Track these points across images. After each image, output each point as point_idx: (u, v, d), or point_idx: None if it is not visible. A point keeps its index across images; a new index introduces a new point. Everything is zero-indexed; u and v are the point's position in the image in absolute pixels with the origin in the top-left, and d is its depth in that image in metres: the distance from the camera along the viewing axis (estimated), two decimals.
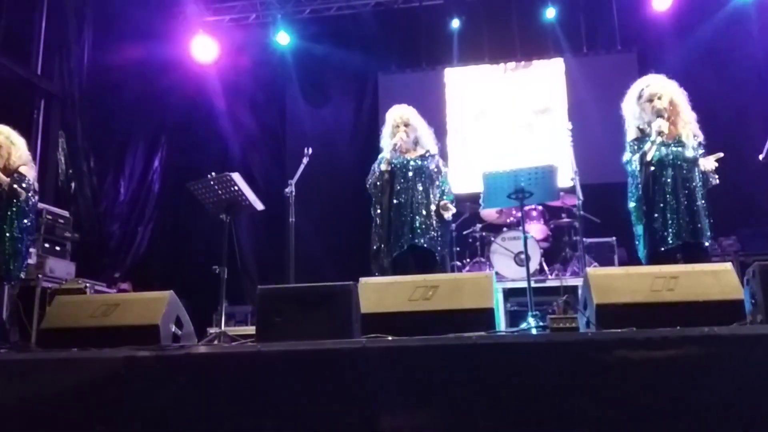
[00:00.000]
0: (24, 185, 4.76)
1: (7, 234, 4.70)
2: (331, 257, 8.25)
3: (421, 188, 4.83)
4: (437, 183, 4.92)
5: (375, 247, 4.80)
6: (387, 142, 4.99)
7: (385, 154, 4.91)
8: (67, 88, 8.08)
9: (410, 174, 4.85)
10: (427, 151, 4.98)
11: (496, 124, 9.03)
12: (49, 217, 6.65)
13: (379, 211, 4.86)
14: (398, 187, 4.83)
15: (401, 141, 4.85)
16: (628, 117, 4.51)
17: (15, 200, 4.72)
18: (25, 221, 4.79)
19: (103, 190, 8.40)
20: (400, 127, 4.92)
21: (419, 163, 4.88)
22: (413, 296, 3.49)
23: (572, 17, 8.87)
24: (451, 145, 8.93)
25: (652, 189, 4.30)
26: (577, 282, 6.41)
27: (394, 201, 4.80)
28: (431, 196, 4.85)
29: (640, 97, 4.43)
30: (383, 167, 4.83)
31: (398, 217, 4.76)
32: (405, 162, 4.87)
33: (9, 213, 4.73)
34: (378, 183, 4.88)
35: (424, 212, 4.76)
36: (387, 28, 9.27)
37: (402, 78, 9.35)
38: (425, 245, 4.71)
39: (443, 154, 6.72)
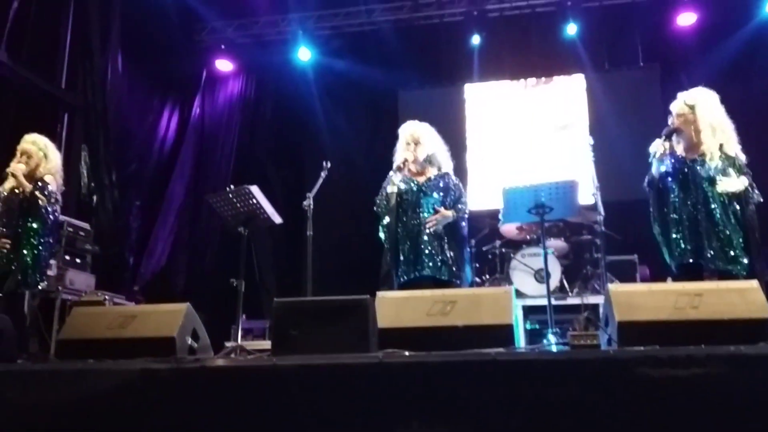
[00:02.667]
0: (45, 193, 4.80)
1: (25, 241, 4.74)
2: (349, 271, 8.18)
3: (428, 215, 4.59)
4: (448, 202, 4.65)
5: (384, 272, 4.58)
6: (398, 159, 4.78)
7: (393, 175, 4.69)
8: (91, 102, 8.15)
9: (418, 199, 4.62)
10: (439, 169, 4.77)
11: (516, 140, 8.99)
12: (70, 229, 6.69)
13: (386, 234, 4.62)
14: (405, 212, 4.61)
15: (405, 161, 4.63)
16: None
17: (35, 208, 4.76)
18: (45, 230, 4.82)
19: (124, 204, 8.45)
20: (410, 145, 4.72)
21: (427, 187, 4.65)
22: (431, 311, 3.45)
23: (594, 33, 8.82)
24: (471, 161, 8.90)
25: (663, 206, 4.26)
26: (599, 300, 6.33)
27: (401, 226, 4.59)
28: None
29: (670, 112, 4.37)
30: (389, 189, 4.60)
31: (406, 244, 4.55)
32: (413, 186, 4.65)
33: (29, 220, 4.77)
34: (384, 205, 4.65)
35: (434, 239, 4.53)
36: (407, 44, 9.27)
37: (422, 94, 9.34)
38: (435, 275, 4.49)
39: (462, 169, 6.66)
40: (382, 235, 4.68)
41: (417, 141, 4.74)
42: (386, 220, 4.62)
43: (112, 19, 8.44)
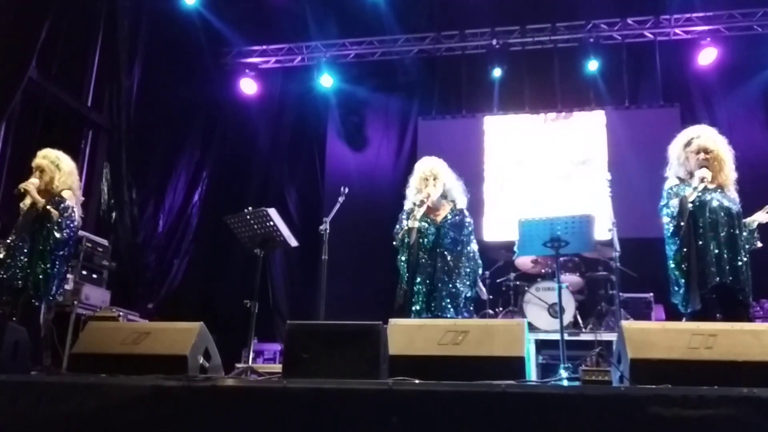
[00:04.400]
0: (60, 208, 4.87)
1: (38, 255, 4.80)
2: (363, 298, 8.21)
3: (444, 256, 4.66)
4: (463, 238, 4.74)
5: (398, 305, 4.60)
6: (412, 192, 4.89)
7: (410, 206, 4.78)
8: (115, 121, 8.29)
9: (435, 239, 4.69)
10: (453, 204, 4.85)
11: (534, 174, 9.00)
12: (89, 244, 6.76)
13: (403, 267, 4.68)
14: (423, 250, 4.66)
15: (428, 196, 4.71)
16: (672, 160, 4.51)
17: (47, 222, 4.83)
18: (58, 244, 4.88)
19: (143, 222, 8.54)
20: (429, 180, 4.80)
21: (444, 226, 4.73)
22: (443, 340, 3.45)
23: (615, 70, 8.87)
24: (488, 192, 8.91)
25: (693, 232, 4.26)
26: (612, 337, 6.25)
27: (418, 265, 4.63)
28: (455, 260, 4.68)
29: (688, 144, 4.42)
30: (410, 224, 4.66)
31: (422, 284, 4.61)
32: (430, 226, 4.72)
33: (42, 234, 4.83)
34: (405, 239, 4.70)
35: (446, 279, 4.60)
36: (429, 75, 9.38)
37: (441, 124, 9.41)
38: (445, 314, 4.55)
39: (479, 201, 6.69)
40: (399, 267, 4.74)
41: (436, 177, 4.83)
42: (404, 256, 4.69)
43: (140, 41, 8.61)
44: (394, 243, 4.83)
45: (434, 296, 4.58)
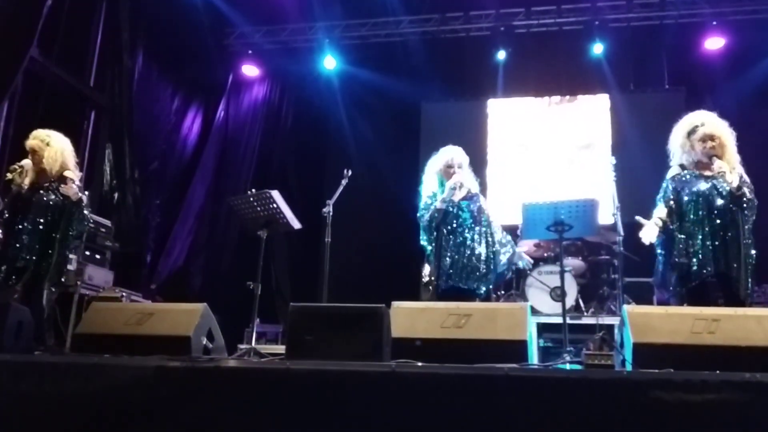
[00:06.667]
0: (82, 193, 4.86)
1: (58, 243, 4.74)
2: (366, 280, 8.22)
3: (467, 232, 4.89)
4: (482, 220, 4.96)
5: (426, 279, 4.96)
6: (432, 178, 5.08)
7: (430, 191, 5.01)
8: (117, 101, 8.25)
9: (458, 217, 4.92)
10: (469, 190, 5.03)
11: (538, 157, 8.98)
12: (92, 225, 6.72)
13: (430, 246, 4.94)
14: (448, 228, 4.90)
15: (457, 183, 4.93)
16: (675, 150, 4.48)
17: (76, 208, 4.80)
18: (76, 231, 4.88)
19: (145, 203, 8.53)
20: (454, 168, 4.98)
21: (466, 206, 4.95)
22: (445, 323, 3.46)
23: (620, 54, 8.81)
24: (491, 176, 8.88)
25: (687, 220, 4.26)
26: (614, 321, 6.29)
27: (443, 242, 4.87)
28: (478, 235, 4.89)
29: (692, 132, 4.37)
30: (438, 205, 4.88)
31: (447, 258, 4.83)
32: (455, 204, 4.93)
33: (70, 221, 4.78)
34: (432, 220, 4.92)
35: (469, 253, 4.82)
36: (433, 57, 9.31)
37: (445, 106, 9.37)
38: (467, 287, 4.76)
39: (482, 184, 6.67)
40: (427, 244, 4.97)
41: (460, 165, 5.03)
42: (431, 235, 4.93)
43: (142, 21, 8.56)
44: (421, 224, 5.00)
45: (459, 273, 4.76)
